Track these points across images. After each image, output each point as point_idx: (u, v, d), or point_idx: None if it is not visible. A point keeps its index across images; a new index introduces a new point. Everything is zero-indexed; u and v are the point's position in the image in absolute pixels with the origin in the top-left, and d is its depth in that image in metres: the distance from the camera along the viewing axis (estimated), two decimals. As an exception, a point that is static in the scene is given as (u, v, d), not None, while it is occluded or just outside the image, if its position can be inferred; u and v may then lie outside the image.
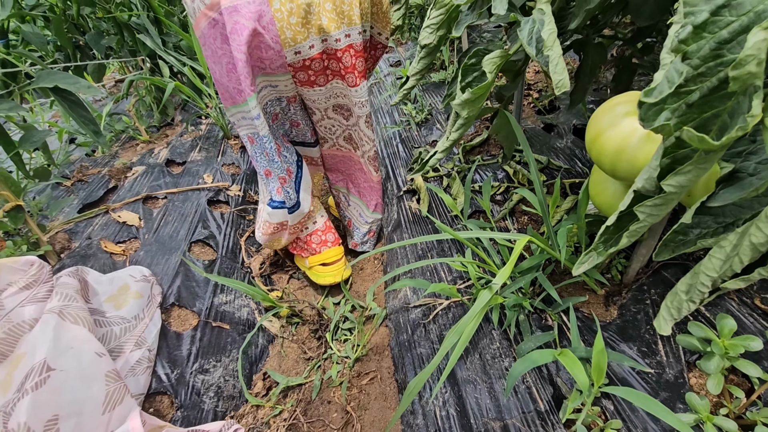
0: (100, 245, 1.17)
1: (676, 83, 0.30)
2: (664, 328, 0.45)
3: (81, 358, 0.67)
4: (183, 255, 1.15)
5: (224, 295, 1.11)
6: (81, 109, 1.12)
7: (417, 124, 1.60)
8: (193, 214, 1.32)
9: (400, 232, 1.18)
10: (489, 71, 0.62)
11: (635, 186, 0.37)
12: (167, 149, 1.70)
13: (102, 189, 1.47)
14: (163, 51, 1.71)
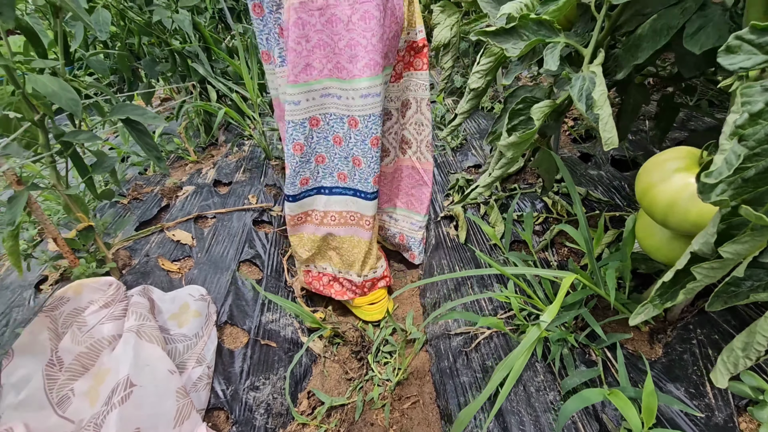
0: (157, 263, 1.26)
1: (735, 166, 0.34)
2: (720, 381, 0.47)
3: (156, 375, 0.74)
4: (233, 274, 1.22)
5: (270, 314, 1.18)
6: (146, 137, 1.21)
7: (452, 149, 1.64)
8: (240, 234, 1.40)
9: (438, 257, 1.22)
10: (537, 119, 0.66)
11: (692, 248, 0.40)
12: (214, 170, 1.80)
13: (156, 207, 1.58)
14: (212, 77, 1.82)
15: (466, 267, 1.11)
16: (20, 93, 0.98)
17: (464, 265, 1.12)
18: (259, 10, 0.92)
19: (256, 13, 0.93)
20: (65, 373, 0.78)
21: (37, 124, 1.05)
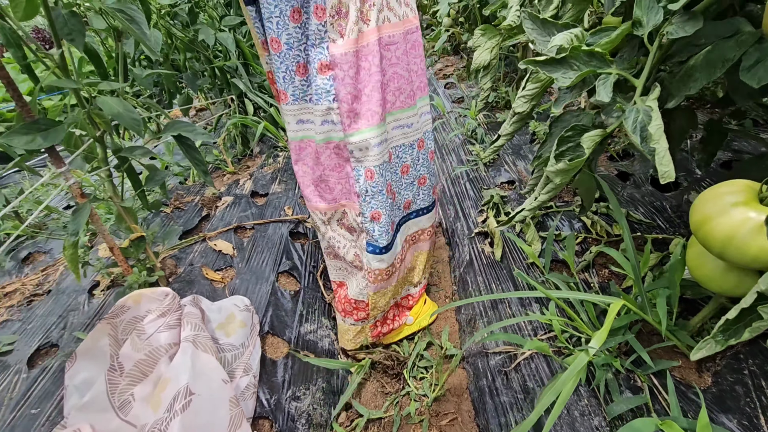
0: (201, 272, 1.31)
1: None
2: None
3: (211, 384, 0.78)
4: (273, 285, 1.26)
5: (308, 324, 1.21)
6: (195, 152, 1.27)
7: (485, 164, 1.65)
8: (277, 245, 1.45)
9: (473, 273, 1.23)
10: (587, 147, 0.68)
11: (759, 287, 0.41)
12: (251, 181, 1.87)
13: (197, 217, 1.65)
14: (251, 92, 1.89)
15: (502, 285, 1.12)
16: (86, 112, 1.05)
17: (500, 283, 1.12)
18: (277, 46, 0.79)
19: (274, 49, 0.80)
20: (125, 379, 0.82)
21: (98, 140, 1.12)
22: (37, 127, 0.94)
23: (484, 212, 1.40)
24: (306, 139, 0.88)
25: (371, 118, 0.82)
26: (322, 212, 0.97)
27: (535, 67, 0.71)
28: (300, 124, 0.87)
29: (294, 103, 0.83)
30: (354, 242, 1.01)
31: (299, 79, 0.80)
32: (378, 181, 0.89)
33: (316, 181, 0.93)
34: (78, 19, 1.01)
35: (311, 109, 0.84)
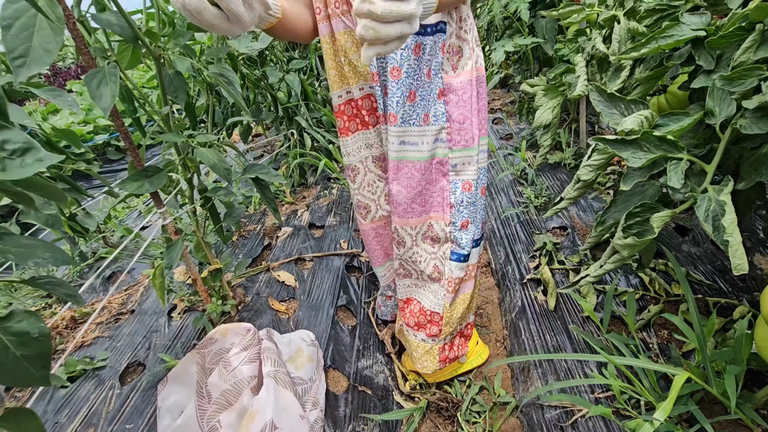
0: (268, 302, 1.42)
1: None
2: None
3: (291, 419, 0.86)
4: (332, 319, 1.35)
5: (365, 359, 1.28)
6: (267, 191, 1.40)
7: (536, 207, 1.69)
8: (335, 279, 1.54)
9: (526, 321, 1.26)
10: (657, 227, 0.72)
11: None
12: (308, 212, 1.99)
13: (260, 246, 1.78)
14: (312, 129, 2.03)
15: (557, 336, 1.15)
16: (182, 159, 1.19)
17: (555, 334, 1.15)
18: (397, 74, 0.86)
19: (393, 77, 0.86)
20: (212, 406, 0.92)
21: (188, 181, 1.26)
22: (145, 174, 1.08)
23: (537, 258, 1.44)
24: (405, 159, 0.94)
25: (473, 138, 0.94)
26: (413, 227, 1.01)
27: (604, 145, 0.76)
28: (402, 145, 0.92)
29: (401, 126, 0.90)
30: (435, 254, 1.05)
31: (409, 104, 0.88)
32: (473, 193, 0.98)
33: (413, 195, 0.97)
34: (181, 78, 1.16)
35: (422, 131, 0.92)
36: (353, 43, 0.87)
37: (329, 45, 0.89)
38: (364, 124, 0.98)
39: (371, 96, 0.94)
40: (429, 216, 1.01)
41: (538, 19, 1.86)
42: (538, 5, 1.80)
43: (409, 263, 1.06)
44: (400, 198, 0.96)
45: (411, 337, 1.13)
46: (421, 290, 1.09)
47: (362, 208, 1.08)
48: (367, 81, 0.92)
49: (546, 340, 1.16)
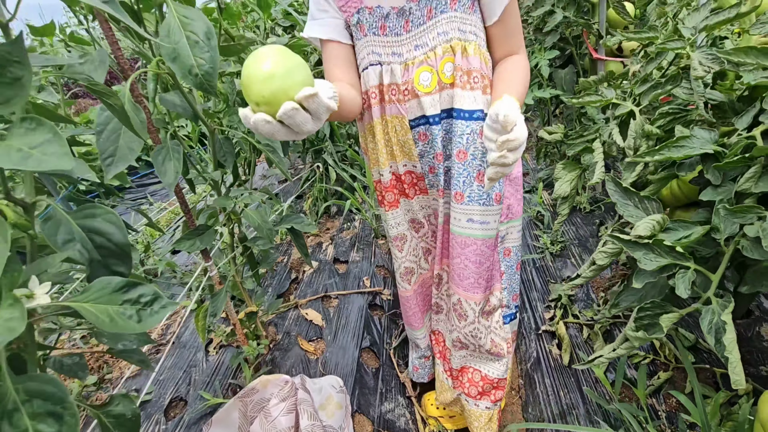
0: (297, 341, 1.53)
1: None
2: None
3: (327, 472, 0.96)
4: (357, 362, 1.45)
5: (388, 403, 1.37)
6: (301, 239, 1.50)
7: (552, 254, 1.76)
8: (358, 318, 1.64)
9: (541, 374, 1.34)
10: (665, 326, 0.79)
11: None
12: (332, 246, 2.09)
13: (287, 280, 1.89)
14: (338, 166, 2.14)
15: (570, 393, 1.23)
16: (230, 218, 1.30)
17: (568, 391, 1.23)
18: (463, 156, 0.90)
19: (459, 159, 0.89)
20: (255, 453, 1.03)
21: (230, 233, 1.37)
22: (197, 232, 1.19)
23: (552, 309, 1.51)
24: (473, 237, 0.95)
25: (518, 211, 1.05)
26: (477, 302, 1.01)
27: (619, 244, 0.85)
28: (469, 222, 0.93)
29: (468, 204, 0.92)
30: (490, 327, 1.05)
31: (477, 184, 0.90)
32: (512, 258, 1.07)
33: (480, 271, 0.98)
34: (230, 143, 1.28)
35: (489, 210, 0.93)
36: (401, 126, 0.91)
37: (380, 126, 0.93)
38: (406, 195, 1.03)
39: (412, 172, 1.00)
40: (492, 290, 1.03)
41: (557, 71, 1.93)
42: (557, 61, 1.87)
43: (469, 337, 1.06)
44: (467, 272, 0.97)
45: (472, 407, 1.10)
46: (479, 360, 1.10)
47: (408, 273, 1.12)
48: (411, 159, 0.98)
49: (560, 396, 1.24)
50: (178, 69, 0.78)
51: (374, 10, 0.84)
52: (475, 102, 0.84)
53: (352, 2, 0.85)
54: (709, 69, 0.88)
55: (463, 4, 0.80)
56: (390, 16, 0.83)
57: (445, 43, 0.81)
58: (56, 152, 0.41)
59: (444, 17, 0.80)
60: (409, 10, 0.82)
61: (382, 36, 0.85)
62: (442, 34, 0.81)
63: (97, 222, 0.55)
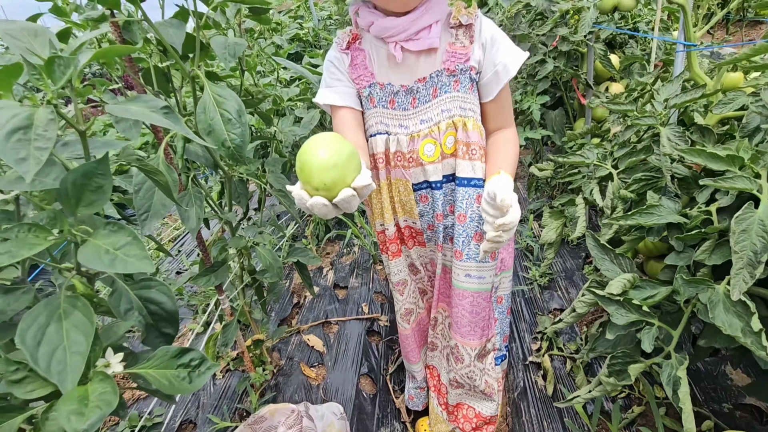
0: (299, 367, 1.62)
1: None
2: None
3: (330, 498, 1.05)
4: (356, 388, 1.54)
5: (384, 428, 1.47)
6: (305, 270, 1.60)
7: (540, 286, 1.88)
8: (357, 345, 1.73)
9: (527, 403, 1.45)
10: (633, 375, 0.91)
11: None
12: (332, 271, 2.19)
13: (290, 305, 1.98)
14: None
15: (552, 423, 1.33)
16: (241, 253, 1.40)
17: (551, 421, 1.34)
18: (462, 219, 0.99)
19: (459, 221, 0.99)
20: (263, 478, 1.12)
21: (242, 266, 1.47)
22: (212, 269, 1.28)
23: (538, 341, 1.62)
24: (470, 290, 1.04)
25: (510, 263, 1.16)
26: (473, 348, 1.11)
27: (595, 299, 0.96)
28: (467, 277, 1.03)
29: (466, 261, 1.02)
30: (484, 369, 1.14)
31: (474, 243, 1.00)
32: (503, 305, 1.19)
33: (476, 320, 1.08)
34: (245, 186, 1.38)
35: (485, 266, 1.03)
36: (405, 188, 1.00)
37: (386, 186, 1.02)
38: (405, 245, 1.13)
39: (412, 227, 1.09)
40: (488, 336, 1.12)
41: (548, 112, 2.07)
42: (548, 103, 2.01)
43: (465, 378, 1.15)
44: (465, 321, 1.07)
45: None
46: (474, 399, 1.20)
47: (408, 314, 1.22)
48: (411, 216, 1.07)
49: (543, 426, 1.34)
50: (213, 141, 0.89)
51: (385, 86, 0.94)
52: (473, 171, 0.95)
53: (365, 77, 0.95)
54: (676, 146, 1.00)
55: (464, 85, 0.91)
56: (399, 93, 0.93)
57: (448, 119, 0.92)
58: (137, 254, 0.52)
59: (447, 96, 0.91)
60: (416, 89, 0.92)
61: (391, 109, 0.95)
62: (445, 111, 0.92)
63: (152, 293, 0.65)
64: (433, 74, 0.90)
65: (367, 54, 0.94)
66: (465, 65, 0.89)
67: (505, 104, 0.95)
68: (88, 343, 0.51)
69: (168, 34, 0.95)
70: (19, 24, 0.60)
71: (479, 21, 0.89)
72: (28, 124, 0.49)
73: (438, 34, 0.88)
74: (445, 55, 0.89)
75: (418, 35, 0.87)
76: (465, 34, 0.89)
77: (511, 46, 0.89)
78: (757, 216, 0.67)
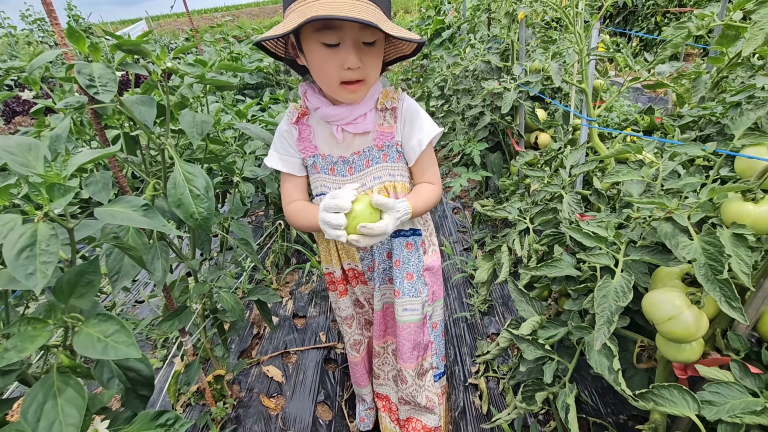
0: (259, 398, 1.72)
1: None
2: None
3: None
4: (313, 416, 1.67)
5: (339, 452, 1.60)
6: (266, 307, 1.71)
7: (480, 312, 2.10)
8: (314, 374, 1.86)
9: (465, 421, 1.64)
10: (539, 401, 1.11)
11: None
12: (291, 301, 2.30)
13: (249, 336, 2.07)
14: (298, 226, 2.38)
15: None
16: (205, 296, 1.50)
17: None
18: (398, 263, 1.17)
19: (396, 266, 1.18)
20: None
21: (204, 307, 1.56)
22: (176, 314, 1.38)
23: (477, 364, 1.83)
24: (408, 322, 1.23)
25: (439, 295, 1.32)
26: (413, 368, 1.28)
27: (511, 337, 1.16)
28: (405, 311, 1.21)
29: (403, 298, 1.20)
30: (423, 386, 1.33)
31: (407, 282, 1.19)
32: (438, 330, 1.36)
33: (414, 345, 1.25)
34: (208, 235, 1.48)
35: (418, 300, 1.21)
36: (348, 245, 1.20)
37: (333, 243, 1.22)
38: (350, 284, 1.31)
39: (354, 269, 1.28)
40: (425, 357, 1.31)
41: (488, 154, 2.32)
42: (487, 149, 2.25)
43: (410, 396, 1.33)
44: (405, 348, 1.24)
45: None
46: (419, 413, 1.37)
47: (357, 344, 1.40)
48: (354, 261, 1.27)
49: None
50: (182, 214, 1.01)
51: (326, 156, 1.10)
52: (403, 225, 1.14)
53: (309, 149, 1.11)
54: (574, 210, 1.23)
55: (391, 157, 1.07)
56: (338, 162, 1.09)
57: (380, 184, 1.08)
58: (125, 341, 0.64)
59: (378, 166, 1.07)
60: (352, 160, 1.07)
61: (332, 176, 1.11)
62: (377, 179, 1.08)
63: (131, 362, 0.76)
64: (365, 149, 1.06)
65: (312, 130, 1.10)
66: (391, 141, 1.05)
67: (426, 167, 1.11)
68: (81, 415, 0.62)
69: (140, 112, 1.06)
70: (15, 140, 0.71)
71: (402, 103, 1.05)
72: (32, 241, 0.60)
73: (372, 120, 1.05)
74: (375, 134, 1.05)
75: (356, 120, 1.03)
76: (391, 116, 1.05)
77: (425, 124, 1.05)
78: (612, 285, 0.89)
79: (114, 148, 0.80)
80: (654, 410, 0.81)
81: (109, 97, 0.83)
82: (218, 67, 1.24)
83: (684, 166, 1.19)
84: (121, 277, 1.05)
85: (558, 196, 1.37)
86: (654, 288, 0.94)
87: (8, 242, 0.58)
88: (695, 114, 1.45)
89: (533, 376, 1.20)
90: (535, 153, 2.19)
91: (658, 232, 0.83)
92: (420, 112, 1.06)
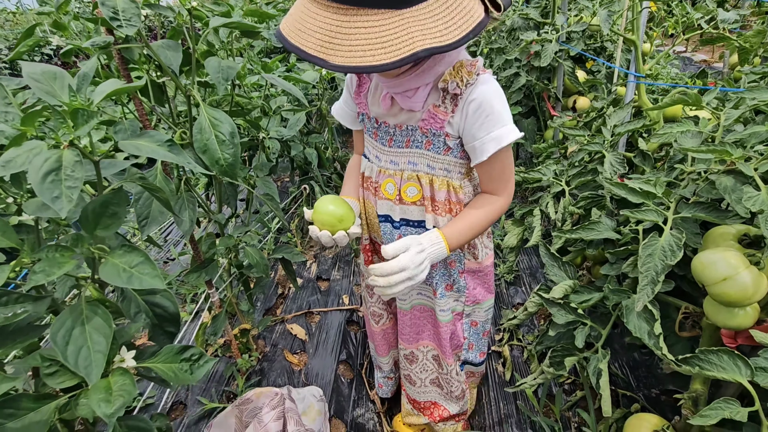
0: (283, 354, 1.76)
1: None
2: None
3: (308, 469, 1.20)
4: (335, 373, 1.69)
5: (359, 409, 1.63)
6: (290, 266, 1.72)
7: (506, 282, 2.04)
8: (337, 334, 1.88)
9: (488, 387, 1.62)
10: (568, 366, 1.07)
11: None
12: (315, 264, 2.32)
13: (274, 296, 2.11)
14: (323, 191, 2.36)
15: (507, 405, 1.51)
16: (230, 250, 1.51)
17: (506, 403, 1.51)
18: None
19: None
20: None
21: (230, 262, 1.58)
22: (203, 266, 1.40)
23: (501, 332, 1.79)
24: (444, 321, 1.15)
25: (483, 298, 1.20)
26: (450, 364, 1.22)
27: (541, 301, 1.12)
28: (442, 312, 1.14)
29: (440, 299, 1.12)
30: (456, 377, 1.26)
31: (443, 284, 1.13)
32: (479, 328, 1.26)
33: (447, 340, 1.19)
34: (234, 189, 1.48)
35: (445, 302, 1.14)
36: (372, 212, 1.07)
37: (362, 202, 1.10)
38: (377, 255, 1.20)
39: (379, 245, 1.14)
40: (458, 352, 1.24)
41: (521, 119, 2.20)
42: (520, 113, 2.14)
43: (442, 382, 1.28)
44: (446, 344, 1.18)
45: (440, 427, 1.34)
46: (446, 399, 1.31)
47: (376, 316, 1.33)
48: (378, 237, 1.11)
49: (500, 407, 1.52)
50: (207, 160, 0.99)
51: (371, 119, 1.00)
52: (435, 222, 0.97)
53: (362, 104, 1.01)
54: (616, 171, 1.15)
55: (436, 147, 0.90)
56: (381, 127, 0.97)
57: (412, 171, 0.95)
58: (149, 273, 0.63)
59: (417, 151, 0.92)
60: (393, 132, 0.95)
61: (374, 140, 1.01)
62: (411, 164, 0.94)
63: (157, 298, 0.77)
64: (409, 127, 0.92)
65: (369, 87, 0.98)
66: (439, 131, 0.87)
67: (492, 176, 0.92)
68: (108, 343, 0.63)
69: (166, 56, 1.04)
70: (41, 68, 0.69)
71: (470, 90, 0.82)
72: (58, 166, 0.59)
73: (423, 97, 0.86)
74: (425, 115, 0.88)
75: (406, 93, 0.86)
76: (451, 101, 0.84)
77: (496, 125, 0.82)
78: (660, 243, 0.81)
79: (139, 83, 0.78)
80: (699, 375, 0.75)
81: (133, 30, 0.81)
82: (245, 13, 1.20)
83: (745, 122, 1.08)
84: (150, 222, 1.05)
85: (599, 156, 1.28)
86: (705, 249, 0.87)
87: (33, 166, 0.57)
88: (759, 71, 1.30)
89: (563, 342, 1.15)
90: (574, 115, 2.07)
91: (717, 185, 0.75)
92: (494, 107, 0.82)
